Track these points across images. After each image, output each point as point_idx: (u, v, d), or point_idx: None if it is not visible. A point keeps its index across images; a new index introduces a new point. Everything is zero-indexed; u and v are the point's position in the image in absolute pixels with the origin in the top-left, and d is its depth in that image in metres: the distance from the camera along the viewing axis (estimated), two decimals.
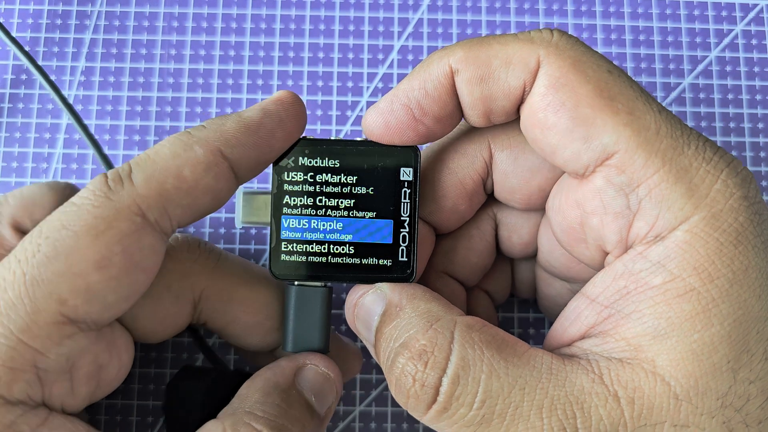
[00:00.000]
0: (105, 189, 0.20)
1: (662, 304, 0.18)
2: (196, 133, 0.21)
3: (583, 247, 0.22)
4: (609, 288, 0.20)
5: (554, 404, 0.18)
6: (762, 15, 0.33)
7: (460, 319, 0.20)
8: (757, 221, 0.19)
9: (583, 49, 0.20)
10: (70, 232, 0.19)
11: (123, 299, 0.20)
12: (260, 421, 0.21)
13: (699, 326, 0.18)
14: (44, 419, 0.20)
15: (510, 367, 0.19)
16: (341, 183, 0.22)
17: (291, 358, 0.23)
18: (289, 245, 0.22)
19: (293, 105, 0.22)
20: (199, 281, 0.23)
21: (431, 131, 0.22)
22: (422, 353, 0.19)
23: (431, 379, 0.19)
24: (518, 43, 0.20)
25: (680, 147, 0.19)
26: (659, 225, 0.19)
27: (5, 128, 0.32)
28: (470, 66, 0.20)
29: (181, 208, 0.20)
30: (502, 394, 0.19)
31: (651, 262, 0.19)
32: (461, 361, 0.19)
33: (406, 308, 0.21)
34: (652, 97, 0.20)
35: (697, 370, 0.18)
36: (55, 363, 0.19)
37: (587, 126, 0.19)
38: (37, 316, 0.19)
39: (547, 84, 0.20)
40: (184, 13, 0.33)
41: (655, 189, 0.19)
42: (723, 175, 0.19)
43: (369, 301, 0.22)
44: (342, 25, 0.33)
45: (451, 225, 0.24)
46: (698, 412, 0.18)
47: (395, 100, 0.21)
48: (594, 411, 0.18)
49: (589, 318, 0.20)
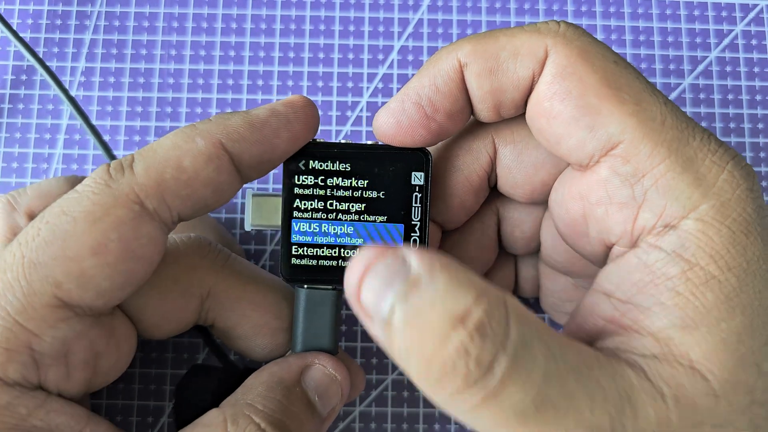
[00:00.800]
0: (106, 177, 0.20)
1: (685, 293, 0.18)
2: (200, 125, 0.21)
3: (585, 242, 0.21)
4: (625, 281, 0.19)
5: (607, 398, 0.17)
6: (762, 15, 0.33)
7: (508, 294, 0.17)
8: (763, 214, 0.19)
9: (590, 39, 0.20)
10: (68, 217, 0.19)
11: (118, 287, 0.20)
12: (259, 415, 0.21)
13: (725, 315, 0.17)
14: (42, 401, 0.20)
15: (567, 352, 0.17)
16: (352, 187, 0.22)
17: (300, 355, 0.23)
18: (299, 248, 0.22)
19: (303, 108, 0.22)
20: (207, 277, 0.23)
21: (443, 128, 0.22)
22: (481, 325, 0.15)
23: (488, 356, 0.15)
24: (525, 34, 0.20)
25: (685, 138, 0.19)
26: (667, 215, 0.19)
27: (5, 128, 0.32)
28: (479, 59, 0.20)
29: (181, 198, 0.20)
30: (560, 380, 0.16)
31: (665, 252, 0.18)
32: (520, 339, 0.16)
33: (441, 275, 0.16)
34: (657, 89, 0.20)
35: (730, 362, 0.17)
36: (50, 346, 0.20)
37: (593, 115, 0.19)
38: (33, 299, 0.19)
39: (554, 72, 0.20)
40: (184, 14, 0.33)
41: (662, 179, 0.19)
42: (729, 167, 0.19)
43: (388, 263, 0.16)
44: (342, 26, 0.33)
45: (459, 221, 0.24)
46: (733, 409, 0.17)
47: (406, 98, 0.21)
48: (643, 408, 0.17)
49: (605, 312, 0.19)
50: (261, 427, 0.21)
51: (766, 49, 0.33)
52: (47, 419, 0.20)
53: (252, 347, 0.24)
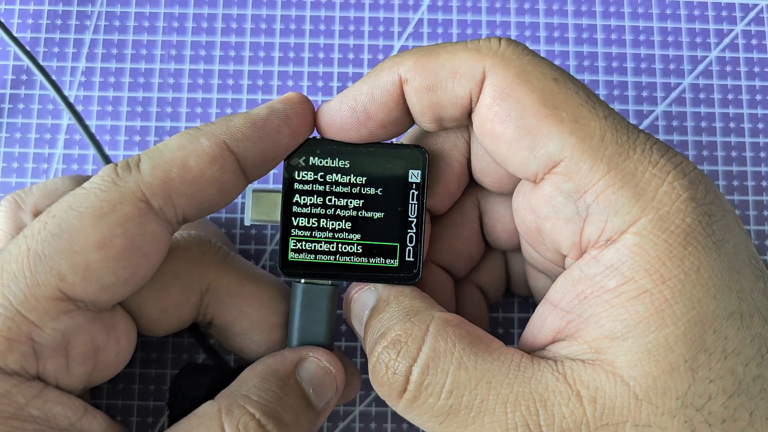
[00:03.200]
0: (113, 175, 0.21)
1: (617, 307, 0.19)
2: (204, 127, 0.22)
3: (543, 249, 0.22)
4: (569, 293, 0.20)
5: (518, 400, 0.19)
6: (762, 15, 0.33)
7: (438, 315, 0.21)
8: (707, 222, 0.19)
9: (529, 58, 0.20)
10: (75, 212, 0.20)
11: (122, 282, 0.21)
12: (254, 405, 0.21)
13: (653, 327, 0.18)
14: (40, 391, 0.20)
15: (479, 362, 0.20)
16: (350, 183, 0.23)
17: (294, 349, 0.23)
18: (297, 243, 0.23)
19: (300, 104, 0.22)
20: (207, 273, 0.24)
21: (374, 135, 0.22)
22: (396, 342, 0.20)
23: (402, 368, 0.20)
24: (466, 52, 0.21)
25: (626, 152, 0.19)
26: (609, 229, 0.19)
27: (5, 129, 0.32)
28: (418, 75, 0.21)
29: (186, 197, 0.21)
30: (469, 386, 0.19)
31: (604, 266, 0.19)
32: (432, 352, 0.20)
33: (392, 303, 0.22)
34: (600, 101, 0.20)
35: (655, 370, 0.18)
36: (50, 337, 0.20)
37: (533, 135, 0.20)
38: (36, 290, 0.19)
39: (493, 95, 0.20)
40: (185, 14, 0.33)
41: (602, 194, 0.19)
42: (669, 177, 0.19)
43: (362, 297, 0.23)
44: (342, 26, 0.33)
45: (444, 206, 0.25)
46: (659, 411, 0.18)
47: (344, 101, 0.22)
48: (557, 409, 0.19)
49: (553, 324, 0.21)
50: (255, 417, 0.21)
51: (766, 49, 0.33)
52: (44, 409, 0.20)
53: (249, 344, 0.24)
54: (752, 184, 0.32)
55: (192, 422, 0.21)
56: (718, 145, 0.32)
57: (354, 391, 0.26)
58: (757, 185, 0.32)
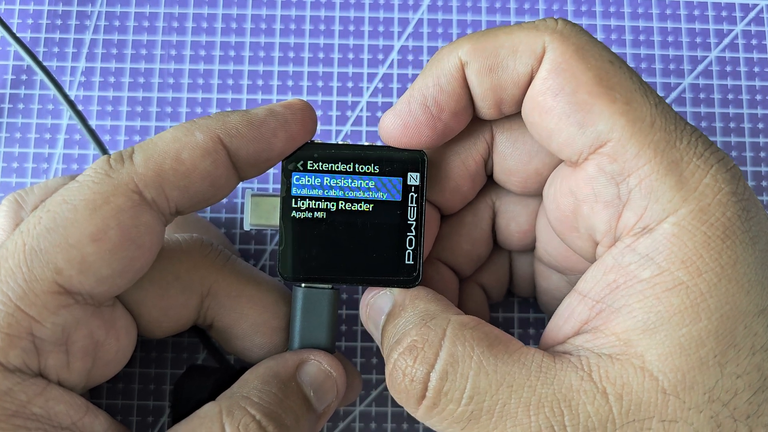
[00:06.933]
0: (106, 167, 0.21)
1: (651, 297, 0.19)
2: (200, 121, 0.22)
3: (575, 237, 0.22)
4: (599, 282, 0.20)
5: (542, 402, 0.19)
6: (762, 15, 0.33)
7: (455, 318, 0.21)
8: (746, 217, 0.19)
9: (587, 37, 0.20)
10: (69, 205, 0.20)
11: (118, 274, 0.21)
12: (255, 407, 0.21)
13: (687, 320, 0.18)
14: (42, 389, 0.20)
15: (499, 365, 0.19)
16: (349, 187, 0.23)
17: (296, 351, 0.23)
18: (296, 248, 0.23)
19: (301, 110, 0.22)
20: (208, 275, 0.24)
21: (448, 127, 0.22)
22: (413, 348, 0.20)
23: (420, 374, 0.20)
24: (524, 31, 0.21)
25: (672, 140, 0.19)
26: (647, 216, 0.19)
27: (5, 128, 0.32)
28: (479, 57, 0.21)
29: (179, 189, 0.21)
30: (489, 390, 0.19)
31: (639, 255, 0.19)
32: (450, 357, 0.20)
33: (408, 308, 0.22)
34: (651, 89, 0.20)
35: (685, 365, 0.18)
36: (50, 332, 0.20)
37: (584, 112, 0.19)
38: (34, 285, 0.20)
39: (549, 68, 0.20)
40: (184, 14, 0.33)
41: (645, 180, 0.19)
42: (713, 171, 0.19)
43: (378, 301, 0.23)
44: (342, 26, 0.33)
45: (455, 206, 0.25)
46: (686, 406, 0.18)
47: (412, 100, 0.22)
48: (582, 408, 0.18)
49: (581, 314, 0.20)
50: (256, 419, 0.21)
51: (766, 49, 0.33)
52: (46, 407, 0.20)
53: (250, 347, 0.24)
54: (752, 184, 0.32)
55: (193, 423, 0.21)
56: (718, 145, 0.32)
57: (355, 393, 0.26)
58: (758, 185, 0.32)
